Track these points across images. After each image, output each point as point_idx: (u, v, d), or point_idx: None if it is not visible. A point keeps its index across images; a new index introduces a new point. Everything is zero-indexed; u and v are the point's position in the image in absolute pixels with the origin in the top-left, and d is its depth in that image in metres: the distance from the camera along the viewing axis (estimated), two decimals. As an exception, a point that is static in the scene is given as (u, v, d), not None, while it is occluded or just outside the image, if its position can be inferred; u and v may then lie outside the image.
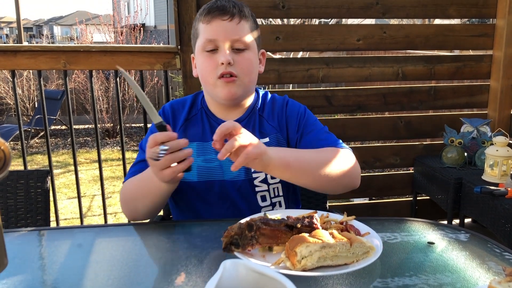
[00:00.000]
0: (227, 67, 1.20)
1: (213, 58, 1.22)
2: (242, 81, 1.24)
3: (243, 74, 1.23)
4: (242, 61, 1.23)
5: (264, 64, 1.37)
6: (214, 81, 1.22)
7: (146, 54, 2.35)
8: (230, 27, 1.21)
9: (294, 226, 0.92)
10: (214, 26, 1.21)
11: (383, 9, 2.53)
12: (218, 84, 1.22)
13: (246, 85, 1.26)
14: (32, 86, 7.50)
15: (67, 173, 5.41)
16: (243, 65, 1.23)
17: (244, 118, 1.32)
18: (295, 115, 1.32)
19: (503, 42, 2.60)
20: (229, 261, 0.61)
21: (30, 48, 2.32)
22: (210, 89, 1.26)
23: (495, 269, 0.90)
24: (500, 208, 2.03)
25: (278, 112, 1.34)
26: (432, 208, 2.80)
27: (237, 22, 1.22)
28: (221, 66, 1.20)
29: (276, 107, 1.35)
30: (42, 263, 0.94)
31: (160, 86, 7.54)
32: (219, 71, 1.21)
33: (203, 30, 1.24)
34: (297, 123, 1.32)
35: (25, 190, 1.50)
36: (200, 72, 1.28)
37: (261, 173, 1.28)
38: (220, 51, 1.21)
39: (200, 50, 1.25)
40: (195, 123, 1.33)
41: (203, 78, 1.27)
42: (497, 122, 2.68)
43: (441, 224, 1.14)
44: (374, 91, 2.66)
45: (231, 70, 1.21)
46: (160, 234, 1.09)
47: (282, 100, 1.37)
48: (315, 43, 2.53)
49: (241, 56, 1.23)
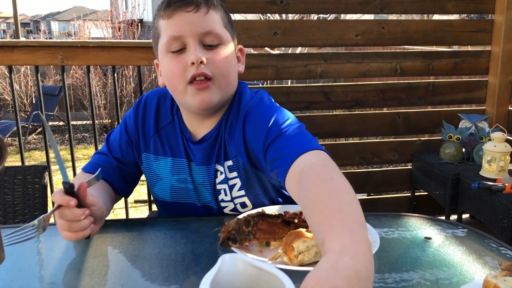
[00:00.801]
0: (198, 67, 1.01)
1: (181, 59, 1.02)
2: (218, 84, 1.04)
3: (219, 74, 1.04)
4: (216, 58, 1.03)
5: (244, 63, 1.17)
6: (184, 87, 1.03)
7: (144, 50, 2.34)
8: (197, 19, 1.02)
9: (291, 221, 0.92)
10: (177, 20, 1.02)
11: (381, 4, 2.52)
12: (188, 91, 1.03)
13: (223, 88, 1.06)
14: (30, 82, 7.48)
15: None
16: (218, 64, 1.03)
17: (211, 134, 1.12)
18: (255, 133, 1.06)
19: (501, 38, 2.60)
20: (228, 255, 0.61)
21: (27, 43, 2.31)
22: (180, 98, 1.07)
23: (491, 263, 0.90)
24: (497, 203, 2.04)
25: (237, 128, 1.10)
26: (430, 203, 2.81)
27: (204, 12, 1.03)
28: (191, 67, 1.01)
29: (237, 122, 1.10)
30: (40, 258, 0.94)
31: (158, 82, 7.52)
32: (190, 74, 1.01)
33: (164, 27, 1.04)
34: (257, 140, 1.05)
35: (22, 186, 1.50)
36: (166, 78, 1.07)
37: (230, 203, 1.16)
38: (189, 49, 1.02)
39: (164, 52, 1.05)
40: (169, 134, 1.16)
41: (170, 85, 1.07)
42: (495, 118, 2.69)
43: (438, 220, 1.14)
44: (372, 86, 2.66)
45: (204, 70, 1.01)
46: (158, 229, 1.09)
47: (242, 112, 1.10)
48: (313, 39, 2.53)
49: (215, 53, 1.03)
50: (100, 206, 0.97)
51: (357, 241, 0.60)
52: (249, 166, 1.12)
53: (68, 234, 0.90)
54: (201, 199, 1.19)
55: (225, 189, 1.16)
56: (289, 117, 1.06)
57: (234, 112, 1.12)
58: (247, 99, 1.13)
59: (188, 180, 1.17)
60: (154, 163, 1.18)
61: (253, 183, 1.16)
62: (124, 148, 1.19)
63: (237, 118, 1.11)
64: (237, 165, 1.13)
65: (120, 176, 1.20)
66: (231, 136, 1.11)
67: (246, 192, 1.15)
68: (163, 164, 1.17)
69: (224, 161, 1.13)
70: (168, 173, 1.18)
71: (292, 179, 0.90)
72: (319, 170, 0.83)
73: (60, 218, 0.90)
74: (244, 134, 1.09)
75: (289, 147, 0.95)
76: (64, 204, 0.88)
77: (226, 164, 1.13)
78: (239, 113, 1.11)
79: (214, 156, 1.13)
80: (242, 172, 1.13)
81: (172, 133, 1.16)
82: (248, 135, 1.08)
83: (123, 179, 1.21)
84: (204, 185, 1.17)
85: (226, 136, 1.12)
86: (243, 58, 1.18)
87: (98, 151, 1.23)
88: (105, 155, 1.20)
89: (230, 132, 1.11)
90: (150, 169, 1.20)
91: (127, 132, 1.19)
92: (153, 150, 1.17)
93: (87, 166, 1.19)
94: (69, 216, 0.88)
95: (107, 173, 1.18)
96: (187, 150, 1.15)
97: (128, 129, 1.19)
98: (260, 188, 1.17)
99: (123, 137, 1.19)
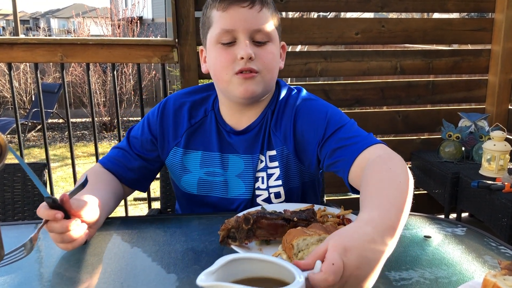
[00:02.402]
0: (247, 62, 1.04)
1: (230, 51, 1.06)
2: (263, 78, 1.08)
3: (265, 70, 1.08)
4: (264, 55, 1.07)
5: (284, 59, 1.21)
6: (230, 77, 1.07)
7: (143, 47, 2.34)
8: (251, 15, 1.05)
9: (291, 219, 0.92)
10: (232, 14, 1.05)
11: (381, 3, 2.52)
12: (234, 80, 1.07)
13: (267, 82, 1.10)
14: (29, 79, 7.48)
15: (64, 166, 5.41)
16: (265, 60, 1.07)
17: (256, 124, 1.17)
18: (312, 124, 1.13)
19: (501, 37, 2.60)
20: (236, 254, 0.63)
21: (27, 40, 2.31)
22: (224, 87, 1.10)
23: (490, 262, 0.90)
24: (497, 202, 2.04)
25: (286, 120, 1.16)
26: (429, 202, 2.81)
27: (258, 9, 1.06)
28: (240, 61, 1.05)
29: (285, 114, 1.17)
30: (39, 256, 0.94)
31: (157, 79, 7.52)
32: (237, 67, 1.05)
33: (217, 18, 1.07)
34: (316, 131, 1.12)
35: (22, 183, 1.50)
36: (212, 67, 1.11)
37: (264, 191, 1.18)
38: (239, 44, 1.05)
39: (214, 42, 1.08)
40: (202, 129, 1.20)
41: (216, 74, 1.11)
42: (494, 117, 2.69)
43: (437, 218, 1.14)
44: (372, 85, 2.66)
45: (251, 66, 1.05)
46: (158, 227, 1.09)
47: (292, 103, 1.17)
48: (313, 37, 2.52)
49: (263, 50, 1.07)
50: (92, 209, 0.96)
51: (384, 218, 0.72)
52: (293, 157, 1.17)
53: (63, 245, 0.91)
54: (231, 191, 1.20)
55: (263, 177, 1.18)
56: (341, 112, 1.15)
57: (282, 104, 1.18)
58: (293, 95, 1.20)
59: (217, 172, 1.19)
60: (183, 156, 1.21)
61: (291, 175, 1.19)
62: (146, 146, 1.23)
63: (284, 110, 1.17)
64: (281, 155, 1.17)
65: (138, 172, 1.23)
66: (278, 127, 1.16)
67: (283, 183, 1.18)
68: (193, 157, 1.20)
69: (267, 151, 1.17)
70: (197, 166, 1.20)
71: (357, 171, 1.00)
72: (380, 162, 0.92)
73: (50, 232, 0.90)
74: (295, 125, 1.15)
75: (354, 138, 1.05)
76: (50, 218, 0.87)
77: (268, 153, 1.17)
78: (287, 106, 1.17)
79: (259, 145, 1.17)
80: (284, 162, 1.17)
81: (205, 128, 1.20)
82: (300, 127, 1.14)
83: (142, 174, 1.24)
84: (241, 175, 1.19)
85: (272, 126, 1.16)
86: (284, 54, 1.22)
87: (116, 145, 1.25)
88: (123, 151, 1.23)
89: (277, 123, 1.16)
90: (177, 163, 1.22)
91: (151, 130, 1.22)
92: (184, 144, 1.20)
93: (104, 160, 1.22)
94: (59, 229, 0.88)
95: (123, 168, 1.21)
96: (225, 142, 1.18)
97: (152, 127, 1.22)
98: (298, 181, 1.20)
99: (146, 136, 1.22)
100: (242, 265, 0.63)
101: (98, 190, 1.06)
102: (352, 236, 0.66)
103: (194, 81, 2.36)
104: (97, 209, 0.99)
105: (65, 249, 0.92)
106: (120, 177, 1.21)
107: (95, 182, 1.10)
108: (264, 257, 0.64)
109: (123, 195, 1.24)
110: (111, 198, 1.12)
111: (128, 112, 7.33)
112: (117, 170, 1.21)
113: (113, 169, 1.20)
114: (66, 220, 0.88)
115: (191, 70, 2.35)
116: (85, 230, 0.93)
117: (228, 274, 0.61)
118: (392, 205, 0.75)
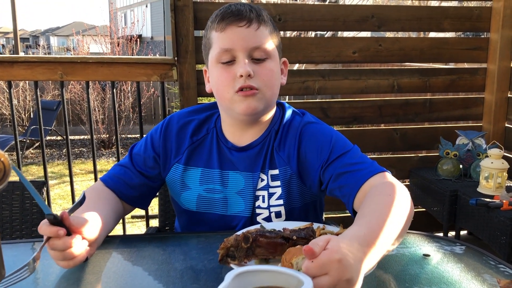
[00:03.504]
0: (246, 80, 1.07)
1: (230, 70, 1.09)
2: (263, 95, 1.10)
3: (265, 86, 1.10)
4: (263, 72, 1.10)
5: (287, 75, 1.23)
6: (232, 95, 1.10)
7: (143, 66, 2.36)
8: (248, 34, 1.08)
9: (290, 238, 0.92)
10: (230, 34, 1.08)
11: (378, 22, 2.55)
12: (235, 98, 1.09)
13: (268, 99, 1.13)
14: (28, 96, 7.50)
15: (62, 184, 5.39)
16: (264, 77, 1.10)
17: (258, 143, 1.18)
18: (316, 146, 1.14)
19: (497, 56, 2.63)
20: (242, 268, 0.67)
21: (27, 59, 2.33)
22: (227, 105, 1.13)
23: (490, 281, 0.90)
24: (495, 220, 2.04)
25: (290, 140, 1.18)
26: (427, 220, 2.80)
27: (255, 28, 1.09)
28: (239, 79, 1.08)
29: (289, 135, 1.19)
30: (37, 275, 0.94)
31: (156, 97, 7.55)
32: (238, 85, 1.08)
33: (216, 39, 1.10)
34: (320, 153, 1.13)
35: (20, 201, 1.49)
36: (215, 87, 1.14)
37: (265, 210, 1.18)
38: (238, 62, 1.08)
39: (214, 62, 1.12)
40: (203, 146, 1.22)
41: (218, 93, 1.14)
42: (491, 135, 2.70)
43: (436, 236, 1.14)
44: (369, 103, 2.68)
45: (250, 83, 1.07)
46: (156, 245, 1.09)
47: (297, 125, 1.19)
48: (311, 56, 2.55)
49: (262, 67, 1.10)
50: (92, 226, 0.96)
51: (369, 237, 0.78)
52: (296, 177, 1.17)
53: (64, 263, 0.91)
54: (231, 208, 1.20)
55: (264, 195, 1.19)
56: (345, 138, 1.17)
57: (286, 125, 1.20)
58: (298, 117, 1.22)
59: (217, 189, 1.20)
60: (183, 173, 1.22)
61: (293, 195, 1.19)
62: (148, 163, 1.23)
63: (288, 131, 1.19)
64: (284, 175, 1.18)
65: (139, 189, 1.23)
66: (282, 147, 1.18)
67: (284, 202, 1.18)
68: (192, 174, 1.21)
69: (269, 169, 1.18)
70: (196, 183, 1.21)
71: (361, 198, 1.02)
72: (383, 187, 0.98)
73: (52, 249, 0.89)
74: (299, 146, 1.16)
75: (359, 165, 1.08)
76: (53, 235, 0.87)
77: (271, 172, 1.18)
78: (291, 127, 1.19)
79: (260, 163, 1.18)
80: (287, 182, 1.18)
81: (206, 145, 1.22)
82: (304, 148, 1.16)
83: (143, 192, 1.24)
84: (241, 192, 1.19)
85: (276, 146, 1.18)
86: (286, 70, 1.23)
87: (118, 163, 1.26)
88: (125, 168, 1.23)
89: (281, 143, 1.18)
90: (177, 179, 1.23)
91: (154, 147, 1.23)
92: (185, 161, 1.21)
93: (106, 178, 1.22)
94: (61, 246, 0.88)
95: (124, 186, 1.21)
96: (225, 159, 1.20)
97: (155, 144, 1.23)
98: (300, 201, 1.20)
99: (149, 153, 1.23)
100: (249, 278, 0.66)
101: (98, 208, 1.06)
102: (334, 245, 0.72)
103: (193, 99, 2.37)
104: (97, 227, 0.99)
105: (66, 267, 0.92)
106: (121, 195, 1.21)
107: (95, 200, 1.11)
108: (269, 267, 0.68)
109: (123, 213, 1.24)
110: (111, 216, 1.12)
111: (127, 129, 7.34)
112: (118, 187, 1.21)
113: (114, 187, 1.21)
114: (68, 237, 0.88)
115: (190, 88, 2.37)
116: (86, 247, 0.93)
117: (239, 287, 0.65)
118: (381, 229, 0.81)
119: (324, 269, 0.68)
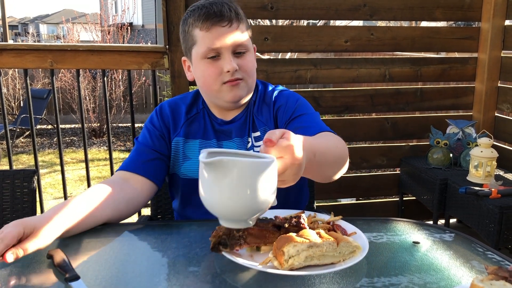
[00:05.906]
0: (233, 74, 1.22)
1: (216, 65, 1.23)
2: (246, 83, 1.27)
3: (247, 76, 1.26)
4: (245, 64, 1.25)
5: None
6: (219, 87, 1.24)
7: (134, 54, 2.34)
8: (231, 33, 1.22)
9: (282, 226, 0.93)
10: (215, 34, 1.20)
11: (370, 11, 2.55)
12: (223, 89, 1.24)
13: (250, 86, 1.29)
14: (18, 84, 7.42)
15: (53, 173, 5.36)
16: (246, 68, 1.25)
17: (240, 117, 1.34)
18: (284, 106, 1.32)
19: (487, 45, 2.65)
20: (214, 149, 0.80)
21: (16, 46, 2.30)
22: (214, 95, 1.28)
23: (478, 267, 0.92)
24: (484, 208, 2.06)
25: (266, 107, 1.35)
26: (418, 208, 2.84)
27: (236, 27, 1.22)
28: (226, 73, 1.22)
29: (265, 102, 1.36)
30: (28, 263, 0.94)
31: (147, 85, 7.51)
32: (226, 78, 1.22)
33: (202, 37, 1.22)
34: (285, 111, 1.31)
35: (11, 190, 1.49)
36: (201, 79, 1.28)
37: None
38: (224, 59, 1.22)
39: (200, 58, 1.24)
40: (197, 121, 1.36)
41: (205, 85, 1.28)
42: (481, 124, 2.73)
43: (426, 224, 1.16)
44: (361, 92, 2.69)
45: (236, 75, 1.23)
46: (148, 234, 1.09)
47: (271, 93, 1.37)
48: (303, 44, 2.55)
49: (244, 59, 1.25)
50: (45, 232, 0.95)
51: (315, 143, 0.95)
52: None
53: None
54: None
55: None
56: (310, 105, 1.36)
57: (262, 94, 1.37)
58: (272, 88, 1.39)
59: None
60: (184, 145, 1.34)
61: None
62: (157, 142, 1.33)
63: (264, 99, 1.36)
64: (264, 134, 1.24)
65: (154, 163, 1.30)
66: (260, 112, 1.35)
67: None
68: (192, 145, 1.34)
69: (252, 132, 1.34)
70: (196, 153, 1.33)
71: None
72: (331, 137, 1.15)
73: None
74: (273, 108, 1.33)
75: (313, 124, 1.25)
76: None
77: (253, 135, 1.34)
78: (266, 95, 1.37)
79: (246, 129, 1.34)
80: None
81: (200, 120, 1.36)
82: (276, 109, 1.33)
83: (157, 166, 1.31)
84: None
85: (255, 112, 1.34)
86: (255, 54, 1.37)
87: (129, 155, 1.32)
88: (138, 152, 1.30)
89: (259, 109, 1.35)
90: (178, 152, 1.34)
91: (156, 128, 1.34)
92: (183, 134, 1.34)
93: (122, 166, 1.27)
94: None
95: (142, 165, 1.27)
96: (219, 130, 1.34)
97: (156, 125, 1.35)
98: None
99: (154, 133, 1.34)
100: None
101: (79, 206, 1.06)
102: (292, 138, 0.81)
103: (185, 87, 2.36)
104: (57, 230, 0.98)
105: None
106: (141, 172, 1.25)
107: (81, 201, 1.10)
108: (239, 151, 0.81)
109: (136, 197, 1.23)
110: (103, 208, 1.11)
111: (118, 118, 7.31)
112: (136, 169, 1.25)
113: (132, 170, 1.25)
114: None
115: (181, 77, 2.35)
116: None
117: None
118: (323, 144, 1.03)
119: (279, 153, 0.78)
